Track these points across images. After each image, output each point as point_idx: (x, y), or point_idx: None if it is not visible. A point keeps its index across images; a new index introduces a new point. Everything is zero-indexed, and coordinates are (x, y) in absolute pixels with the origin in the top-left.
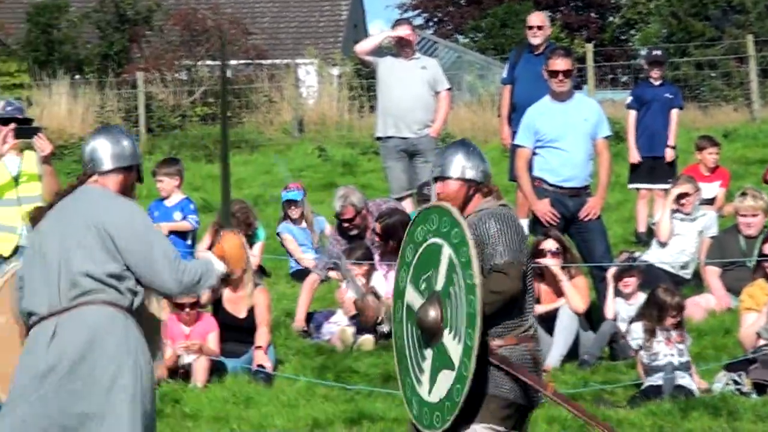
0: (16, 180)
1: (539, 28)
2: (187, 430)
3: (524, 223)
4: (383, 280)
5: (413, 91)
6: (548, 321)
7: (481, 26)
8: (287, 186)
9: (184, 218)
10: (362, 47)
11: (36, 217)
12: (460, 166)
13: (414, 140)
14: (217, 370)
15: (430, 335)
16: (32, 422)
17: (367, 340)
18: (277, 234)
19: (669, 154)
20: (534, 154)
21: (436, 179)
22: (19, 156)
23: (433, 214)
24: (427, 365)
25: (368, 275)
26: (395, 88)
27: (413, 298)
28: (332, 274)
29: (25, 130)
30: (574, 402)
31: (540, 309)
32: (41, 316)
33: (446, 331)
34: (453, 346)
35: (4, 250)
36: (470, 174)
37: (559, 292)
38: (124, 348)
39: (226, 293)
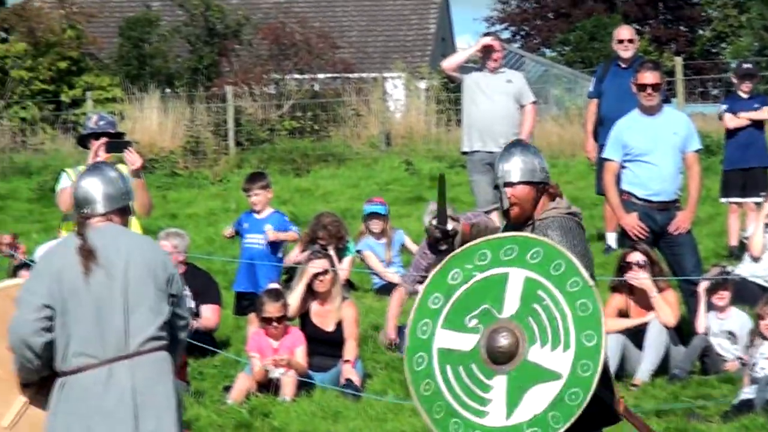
0: None
1: (630, 41)
2: None
3: (612, 237)
4: None
5: (499, 104)
6: (638, 335)
7: (568, 39)
8: (371, 199)
9: (279, 230)
10: (449, 63)
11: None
12: (522, 168)
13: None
14: (305, 384)
15: (502, 361)
16: None
17: None
18: (357, 251)
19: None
20: (622, 167)
21: (505, 185)
22: None
23: (480, 250)
24: (497, 393)
25: None
26: (481, 102)
27: (456, 340)
28: (419, 288)
29: (116, 144)
30: (644, 422)
31: (629, 323)
32: (101, 360)
33: (534, 347)
34: (551, 357)
35: None
36: (535, 176)
37: (648, 306)
38: (174, 397)
39: (314, 307)
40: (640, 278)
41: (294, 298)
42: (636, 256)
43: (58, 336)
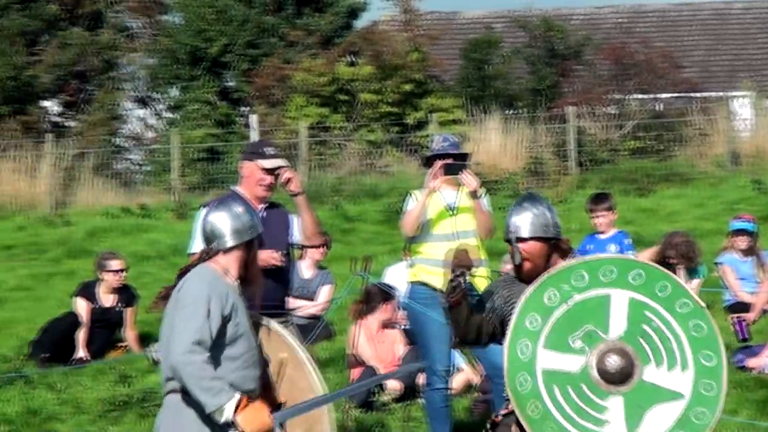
0: (452, 213)
1: None
2: None
3: None
4: None
5: None
6: None
7: None
8: (739, 215)
9: (621, 252)
10: None
11: (165, 297)
12: (534, 223)
13: None
14: None
15: (616, 382)
16: None
17: None
18: (716, 263)
19: None
20: None
21: (517, 240)
22: (456, 190)
23: (576, 271)
24: (613, 414)
25: None
26: None
27: (561, 361)
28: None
29: (453, 166)
30: None
31: None
32: None
33: (649, 368)
34: (669, 377)
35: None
36: (548, 231)
37: None
38: None
39: None
40: None
41: None
42: None
43: None
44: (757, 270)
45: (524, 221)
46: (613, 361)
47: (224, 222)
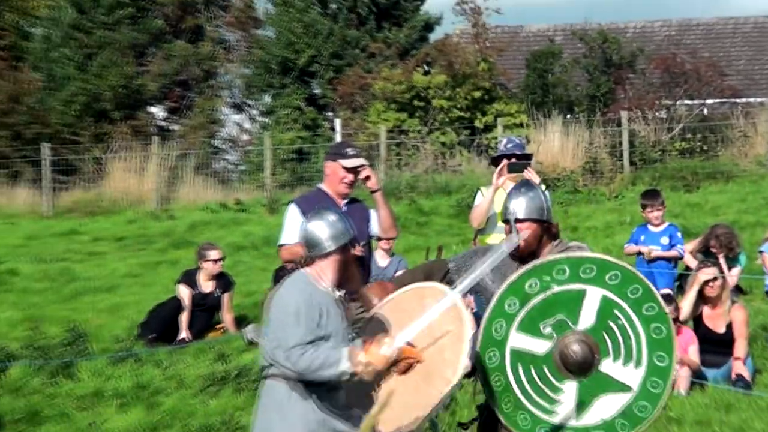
0: None
1: None
2: None
3: None
4: None
5: None
6: None
7: None
8: None
9: (672, 245)
10: None
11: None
12: (530, 206)
13: None
14: (698, 378)
15: (575, 370)
16: None
17: None
18: (760, 251)
19: None
20: None
21: (516, 221)
22: None
23: (559, 265)
24: (567, 396)
25: None
26: None
27: (529, 343)
28: None
29: (516, 165)
30: None
31: None
32: None
33: (607, 361)
34: (623, 371)
35: None
36: (542, 214)
37: None
38: (278, 419)
39: (706, 311)
40: None
41: (686, 302)
42: None
43: None
44: None
45: (521, 204)
46: (575, 351)
47: (321, 230)
